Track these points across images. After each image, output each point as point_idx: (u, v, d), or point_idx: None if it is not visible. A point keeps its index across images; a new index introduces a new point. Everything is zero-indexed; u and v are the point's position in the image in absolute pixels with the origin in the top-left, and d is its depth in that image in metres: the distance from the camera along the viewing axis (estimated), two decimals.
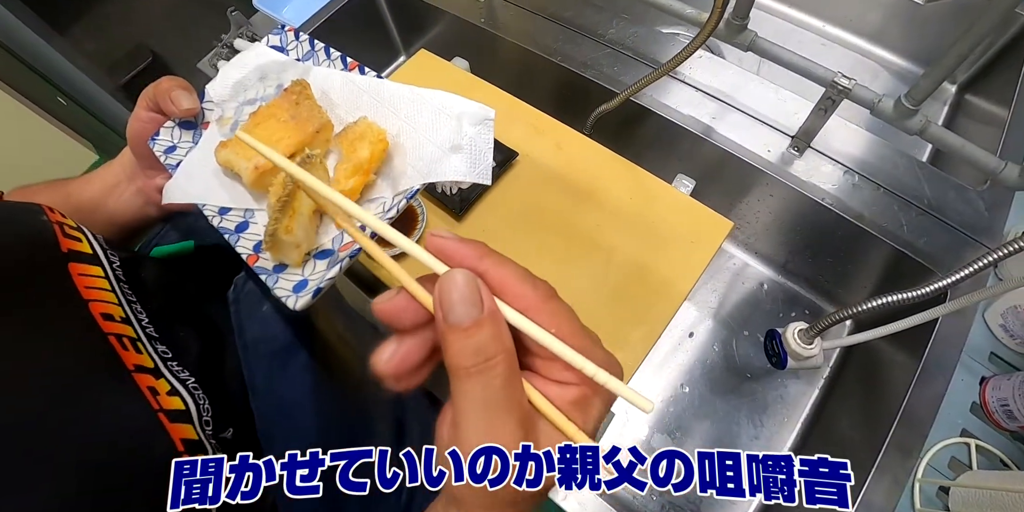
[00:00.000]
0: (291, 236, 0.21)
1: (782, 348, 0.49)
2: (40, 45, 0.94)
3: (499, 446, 0.15)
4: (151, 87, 0.27)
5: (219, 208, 0.24)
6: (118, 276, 0.24)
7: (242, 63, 0.28)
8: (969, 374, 0.46)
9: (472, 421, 0.15)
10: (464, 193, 0.59)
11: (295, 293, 0.20)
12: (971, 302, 0.39)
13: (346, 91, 0.25)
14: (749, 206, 0.60)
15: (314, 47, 0.28)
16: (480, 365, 0.15)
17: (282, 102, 0.24)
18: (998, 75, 0.66)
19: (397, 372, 0.17)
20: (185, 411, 0.22)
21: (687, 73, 0.58)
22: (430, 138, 0.23)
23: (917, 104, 0.42)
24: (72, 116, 1.05)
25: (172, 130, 0.27)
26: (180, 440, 0.21)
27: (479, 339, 0.15)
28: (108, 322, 0.21)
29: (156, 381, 0.21)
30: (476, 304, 0.15)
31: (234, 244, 0.23)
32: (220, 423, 0.23)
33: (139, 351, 0.22)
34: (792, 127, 0.54)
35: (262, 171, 0.23)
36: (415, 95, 0.24)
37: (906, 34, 0.72)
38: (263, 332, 0.24)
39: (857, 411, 0.52)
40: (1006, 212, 0.49)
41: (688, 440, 0.57)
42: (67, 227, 0.24)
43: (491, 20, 0.64)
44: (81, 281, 0.22)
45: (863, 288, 0.58)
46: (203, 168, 0.25)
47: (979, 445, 0.43)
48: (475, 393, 0.15)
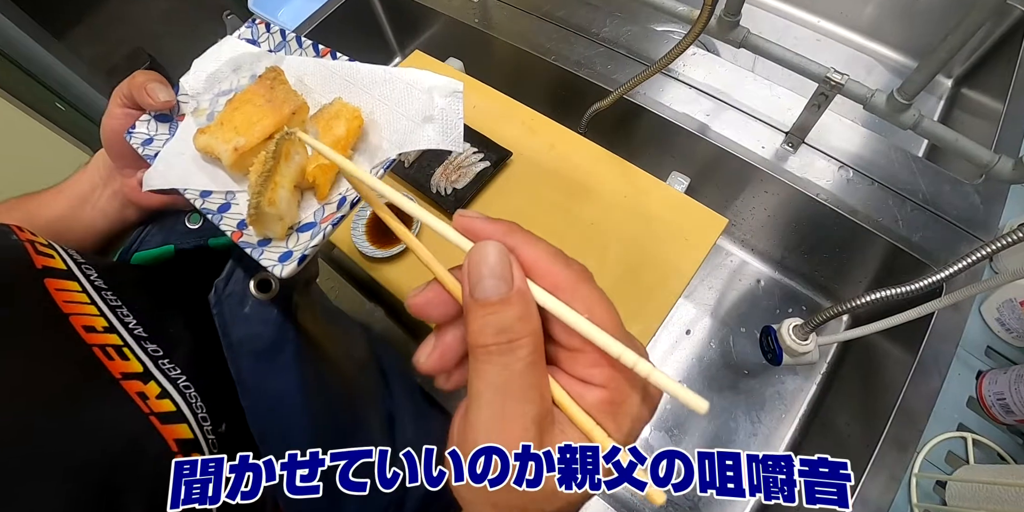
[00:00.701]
0: (274, 208, 0.21)
1: (777, 344, 0.49)
2: (38, 50, 0.94)
3: (499, 446, 0.14)
4: (124, 83, 0.27)
5: (200, 191, 0.25)
6: (97, 285, 0.24)
7: (215, 56, 0.28)
8: (965, 368, 0.46)
9: (483, 408, 0.14)
10: (459, 193, 0.59)
11: (281, 262, 0.21)
12: (967, 296, 0.39)
13: (320, 76, 0.26)
14: (744, 203, 0.60)
15: (285, 38, 0.29)
16: (502, 345, 0.14)
17: (257, 88, 0.25)
18: (993, 68, 0.66)
19: (439, 367, 0.16)
20: (177, 411, 0.22)
21: (681, 71, 0.58)
22: (403, 112, 0.24)
23: (910, 99, 0.42)
24: (71, 121, 1.05)
25: (148, 123, 0.28)
26: (173, 440, 0.21)
27: (504, 317, 0.14)
28: (91, 334, 0.22)
29: (145, 386, 0.22)
30: (506, 279, 0.14)
31: (218, 223, 0.23)
32: (215, 418, 0.24)
33: (125, 357, 0.22)
34: (786, 123, 0.54)
35: (241, 152, 0.23)
36: (387, 74, 0.24)
37: (901, 28, 0.72)
38: (247, 332, 0.25)
39: (854, 406, 0.52)
40: (1001, 205, 0.49)
41: (686, 437, 0.57)
42: (38, 245, 0.24)
43: (485, 20, 0.64)
44: (59, 296, 0.22)
45: (859, 283, 0.58)
46: (181, 156, 0.26)
47: (976, 439, 0.43)
48: (491, 376, 0.14)
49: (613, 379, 0.14)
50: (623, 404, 0.15)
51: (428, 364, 0.16)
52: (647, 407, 0.15)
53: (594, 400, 0.14)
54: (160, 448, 0.21)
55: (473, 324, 0.14)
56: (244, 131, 0.24)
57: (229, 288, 0.25)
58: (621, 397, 0.15)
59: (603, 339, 0.14)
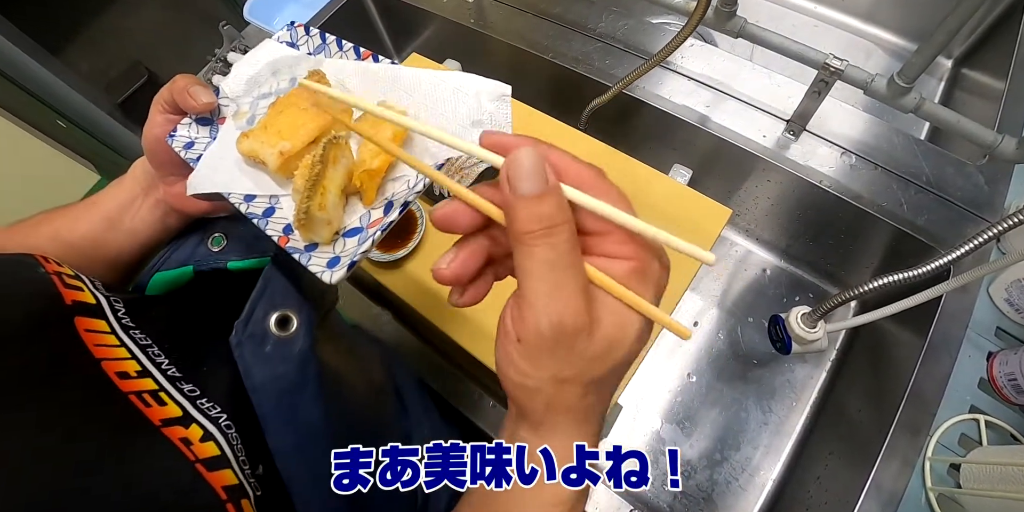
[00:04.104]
0: (324, 212, 0.21)
1: (786, 333, 0.49)
2: (35, 67, 0.95)
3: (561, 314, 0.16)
4: (165, 89, 0.27)
5: (244, 195, 0.24)
6: (125, 324, 0.23)
7: (254, 60, 0.28)
8: (976, 350, 0.46)
9: (537, 282, 0.16)
10: None
11: (329, 268, 0.21)
12: (974, 277, 0.39)
13: (361, 79, 0.26)
14: (748, 193, 0.60)
15: (325, 41, 0.28)
16: (546, 230, 0.16)
17: (301, 91, 0.25)
18: (993, 47, 0.65)
19: (458, 275, 0.18)
20: (221, 455, 0.21)
21: (679, 62, 0.58)
22: (450, 116, 0.24)
23: (910, 82, 0.41)
24: (72, 138, 1.06)
25: (189, 126, 0.28)
26: (221, 488, 0.20)
27: (545, 208, 0.16)
28: (125, 380, 0.21)
29: (187, 430, 0.21)
30: (543, 177, 0.16)
31: (263, 228, 0.23)
32: (252, 461, 0.23)
33: (163, 402, 0.21)
34: (787, 111, 0.54)
35: (287, 157, 0.23)
36: (432, 77, 0.24)
37: (898, 11, 0.72)
38: (270, 372, 0.24)
39: (865, 392, 0.52)
40: (1006, 186, 0.49)
41: (697, 429, 0.57)
42: (66, 277, 0.23)
43: (480, 20, 0.64)
44: (89, 338, 0.21)
45: (866, 269, 0.58)
46: (224, 160, 0.26)
47: (988, 421, 0.43)
48: (540, 255, 0.16)
49: (637, 252, 0.17)
50: (647, 270, 0.17)
51: (448, 271, 0.18)
52: (664, 271, 0.18)
53: (624, 271, 0.17)
54: (209, 498, 0.20)
55: (519, 217, 0.16)
56: (289, 135, 0.24)
57: (249, 329, 0.24)
58: (645, 265, 0.17)
59: (628, 219, 0.17)
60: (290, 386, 0.25)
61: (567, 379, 0.17)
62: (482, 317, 0.47)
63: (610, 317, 0.17)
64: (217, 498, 0.20)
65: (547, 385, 0.17)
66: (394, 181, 0.24)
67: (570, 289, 0.16)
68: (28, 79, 0.95)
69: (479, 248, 0.19)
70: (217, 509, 0.20)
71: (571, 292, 0.16)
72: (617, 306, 0.17)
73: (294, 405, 0.25)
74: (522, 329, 0.17)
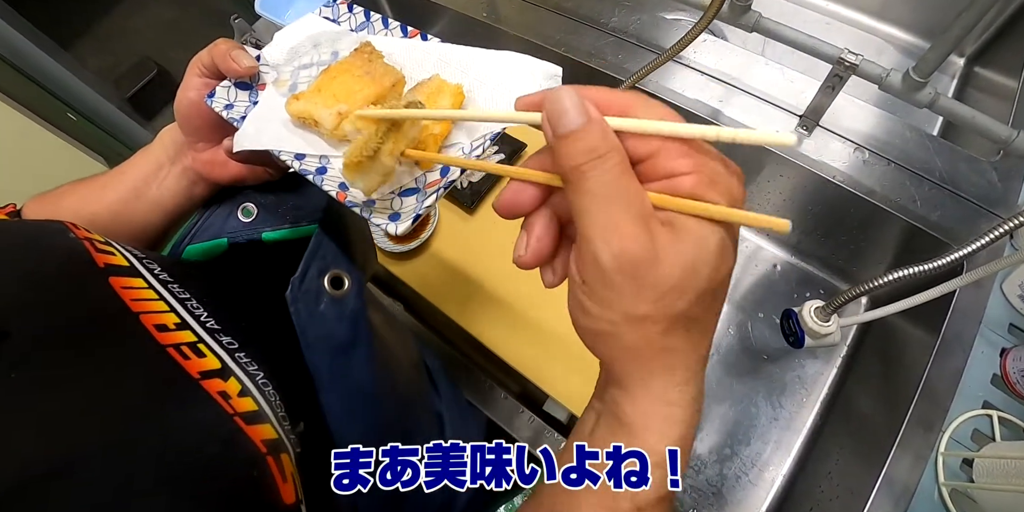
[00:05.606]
0: (391, 159, 0.21)
1: (799, 327, 0.49)
2: (46, 62, 0.96)
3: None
4: (204, 52, 0.27)
5: (295, 153, 0.24)
6: (163, 279, 0.23)
7: (294, 31, 0.28)
8: (989, 346, 0.46)
9: (592, 217, 0.15)
10: (475, 186, 0.60)
11: (392, 221, 0.22)
12: (988, 273, 0.39)
13: (409, 55, 0.26)
14: (760, 188, 0.60)
15: (369, 18, 0.29)
16: (593, 161, 0.15)
17: (354, 60, 0.25)
18: (1006, 46, 0.65)
19: (538, 256, 0.18)
20: (259, 411, 0.21)
21: (692, 57, 0.58)
22: (502, 93, 0.24)
23: (925, 77, 0.41)
24: (83, 131, 1.07)
25: (228, 89, 0.27)
26: (261, 441, 0.20)
27: (589, 140, 0.15)
28: (163, 333, 0.21)
29: (225, 384, 0.21)
30: (582, 111, 0.16)
31: (319, 184, 0.23)
32: (293, 417, 0.23)
33: (201, 354, 0.21)
34: (800, 106, 0.54)
35: (346, 117, 0.23)
36: (484, 56, 0.25)
37: (910, 8, 0.71)
38: (324, 329, 0.24)
39: (876, 388, 0.52)
40: (1019, 182, 0.49)
41: (707, 424, 0.57)
42: (97, 242, 0.23)
43: (493, 14, 0.65)
44: (126, 294, 0.21)
45: (878, 265, 0.58)
46: (270, 122, 0.26)
47: (1001, 416, 0.43)
48: (590, 188, 0.15)
49: (697, 163, 0.16)
50: (714, 177, 0.16)
51: (528, 256, 0.18)
52: (734, 178, 0.17)
53: (691, 184, 0.16)
54: (250, 451, 0.20)
55: (563, 154, 0.16)
56: (345, 98, 0.24)
57: (305, 285, 0.24)
58: (710, 172, 0.16)
59: (682, 128, 0.16)
60: (343, 345, 0.25)
61: (643, 316, 0.16)
62: (494, 308, 0.47)
63: (681, 238, 0.15)
64: (257, 451, 0.20)
65: (620, 327, 0.16)
66: (448, 148, 0.24)
67: (625, 217, 0.15)
68: (40, 73, 0.95)
69: (546, 221, 0.18)
70: (258, 461, 0.19)
71: (627, 220, 0.15)
72: (688, 223, 0.16)
73: (346, 365, 0.25)
74: (583, 268, 0.16)
